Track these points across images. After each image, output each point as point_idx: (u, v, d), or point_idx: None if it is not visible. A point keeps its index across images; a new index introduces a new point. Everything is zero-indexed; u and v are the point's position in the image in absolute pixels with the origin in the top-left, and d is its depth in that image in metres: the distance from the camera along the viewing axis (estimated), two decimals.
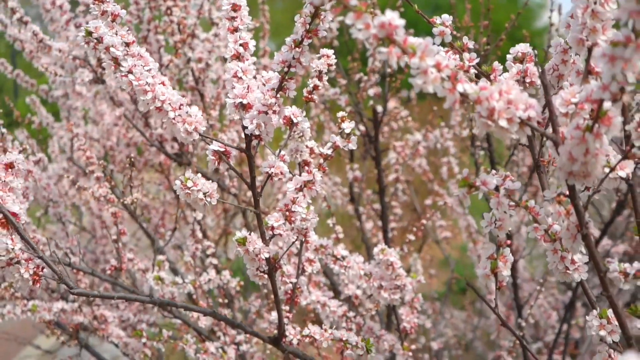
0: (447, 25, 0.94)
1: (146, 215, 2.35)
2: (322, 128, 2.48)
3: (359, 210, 2.20)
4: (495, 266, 0.88)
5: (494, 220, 0.85)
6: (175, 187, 1.05)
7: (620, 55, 0.61)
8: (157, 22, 1.90)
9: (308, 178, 1.15)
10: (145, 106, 1.02)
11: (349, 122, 1.21)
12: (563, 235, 0.80)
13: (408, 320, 1.55)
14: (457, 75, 0.70)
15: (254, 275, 1.17)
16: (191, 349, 1.57)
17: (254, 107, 1.05)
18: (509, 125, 0.71)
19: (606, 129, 0.67)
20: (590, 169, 0.70)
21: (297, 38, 1.01)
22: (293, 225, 1.14)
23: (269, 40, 2.50)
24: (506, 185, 0.83)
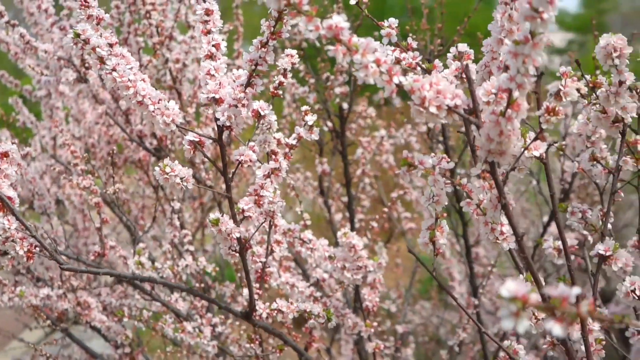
0: (393, 28, 1.08)
1: (126, 208, 2.47)
2: (294, 125, 2.60)
3: (328, 203, 2.34)
4: (433, 235, 1.01)
5: (432, 196, 0.99)
6: (155, 174, 1.18)
7: (521, 52, 0.75)
8: (136, 25, 2.02)
9: (275, 166, 1.28)
10: (128, 101, 1.14)
11: (311, 115, 1.34)
12: (486, 206, 0.94)
13: (370, 300, 1.69)
14: (394, 69, 0.83)
15: (226, 254, 1.30)
16: (170, 328, 1.69)
17: (225, 101, 1.17)
18: (438, 111, 0.84)
19: (516, 113, 0.81)
20: (504, 147, 0.84)
21: (263, 39, 1.14)
22: (262, 209, 1.27)
23: (244, 42, 2.62)
24: (441, 165, 0.96)
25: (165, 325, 1.70)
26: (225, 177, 1.25)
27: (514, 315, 0.58)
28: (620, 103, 0.98)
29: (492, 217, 0.94)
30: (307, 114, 1.35)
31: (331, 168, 2.31)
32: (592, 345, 1.00)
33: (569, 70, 0.94)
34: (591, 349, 0.99)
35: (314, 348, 1.74)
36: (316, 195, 2.56)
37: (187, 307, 1.88)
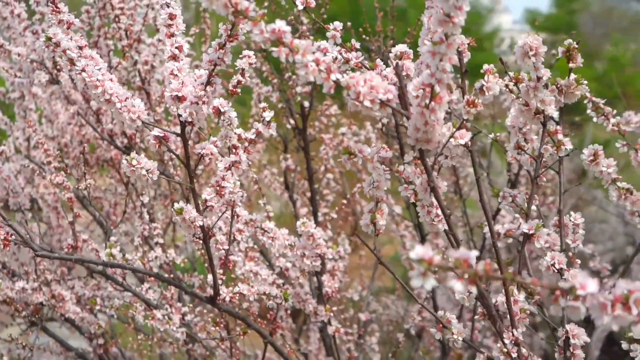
0: (337, 30, 1.19)
1: (99, 205, 2.55)
2: None
3: (293, 197, 2.44)
4: (374, 218, 1.12)
5: (373, 182, 1.10)
6: (122, 167, 1.28)
7: (438, 51, 0.86)
8: (106, 29, 2.12)
9: (235, 159, 1.38)
10: (97, 99, 1.24)
11: (269, 111, 1.44)
12: (418, 189, 1.05)
13: (329, 286, 1.79)
14: (331, 67, 0.94)
15: (190, 241, 1.40)
16: (140, 315, 1.79)
17: (188, 99, 1.27)
18: (371, 105, 0.95)
19: (438, 105, 0.92)
20: (430, 136, 0.95)
21: (221, 42, 1.24)
22: (223, 199, 1.38)
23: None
24: (379, 154, 1.07)
25: (135, 313, 1.79)
26: (188, 169, 1.35)
27: (422, 275, 0.69)
28: (539, 97, 1.10)
29: (423, 199, 1.05)
30: (264, 110, 1.45)
31: (296, 164, 2.42)
32: (516, 314, 1.12)
33: (492, 67, 1.05)
34: (516, 317, 1.11)
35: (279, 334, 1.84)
36: (284, 191, 2.66)
37: (158, 297, 1.97)
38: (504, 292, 1.08)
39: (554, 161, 1.22)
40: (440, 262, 0.68)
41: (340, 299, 2.45)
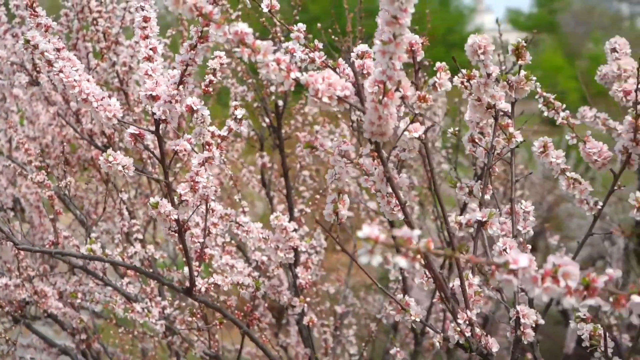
0: (301, 32, 1.26)
1: (80, 204, 2.61)
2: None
3: (270, 194, 2.51)
4: (336, 207, 1.20)
5: (334, 174, 1.17)
6: (100, 163, 1.34)
7: (387, 50, 0.93)
8: (85, 32, 2.18)
9: (208, 155, 1.45)
10: (74, 98, 1.31)
11: (240, 109, 1.51)
12: (375, 180, 1.12)
13: (303, 277, 1.86)
14: (291, 66, 1.01)
15: (166, 234, 1.46)
16: (120, 308, 1.85)
17: (161, 98, 1.33)
18: (329, 101, 1.02)
19: (391, 101, 0.99)
20: (384, 129, 1.02)
21: (192, 43, 1.31)
22: (197, 194, 1.44)
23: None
24: (340, 147, 1.14)
25: (115, 306, 1.85)
26: (162, 164, 1.41)
27: (369, 252, 0.76)
28: (489, 92, 1.17)
29: (381, 189, 1.12)
30: (236, 108, 1.52)
31: (273, 162, 2.49)
32: (471, 296, 1.19)
33: (443, 65, 1.13)
34: (470, 299, 1.18)
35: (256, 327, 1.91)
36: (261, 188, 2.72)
37: (137, 291, 2.03)
38: (459, 276, 1.15)
39: (506, 152, 1.29)
40: (385, 240, 0.76)
41: (316, 292, 2.52)
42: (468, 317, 1.14)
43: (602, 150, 1.29)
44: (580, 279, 0.79)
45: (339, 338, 2.54)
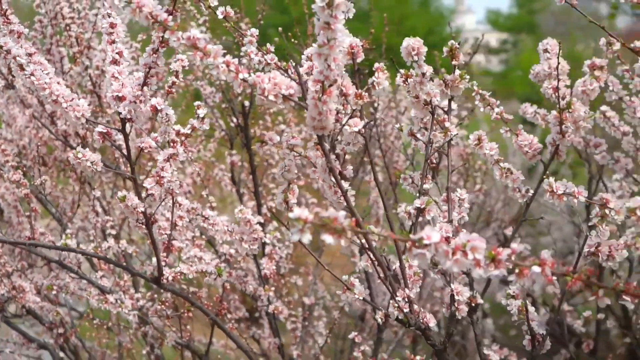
0: (254, 36, 1.36)
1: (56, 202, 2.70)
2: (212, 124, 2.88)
3: (240, 191, 2.62)
4: (286, 197, 1.30)
5: (284, 166, 1.28)
6: (70, 159, 1.44)
7: (322, 52, 1.04)
8: (58, 37, 2.27)
9: (173, 152, 1.55)
10: (46, 100, 1.41)
11: (203, 108, 1.61)
12: (319, 170, 1.23)
13: (268, 268, 1.97)
14: (239, 68, 1.12)
15: (134, 226, 1.56)
16: (94, 299, 1.95)
17: (127, 99, 1.43)
18: (275, 99, 1.13)
19: (329, 98, 1.10)
20: (324, 124, 1.13)
21: (154, 47, 1.41)
22: (162, 188, 1.54)
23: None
24: (289, 141, 1.25)
25: (90, 297, 1.95)
26: (129, 160, 1.51)
27: (300, 231, 0.87)
28: (425, 90, 1.29)
29: (325, 179, 1.23)
30: (199, 107, 1.62)
31: (242, 160, 2.59)
32: (410, 276, 1.30)
33: (381, 65, 1.24)
34: (410, 279, 1.30)
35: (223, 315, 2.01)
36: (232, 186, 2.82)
37: (110, 283, 2.13)
38: (397, 257, 1.27)
39: (444, 144, 1.41)
40: (314, 220, 0.87)
41: (285, 284, 2.63)
42: (406, 294, 1.24)
43: (532, 142, 1.41)
44: (486, 252, 0.90)
45: (307, 329, 2.65)
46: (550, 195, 1.17)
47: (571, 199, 1.16)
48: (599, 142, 1.63)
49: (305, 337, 2.61)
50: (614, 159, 1.67)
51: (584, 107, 1.35)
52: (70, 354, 2.52)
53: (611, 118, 1.61)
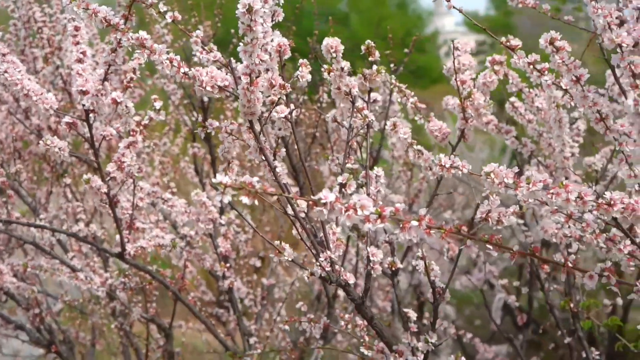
0: (199, 37, 1.57)
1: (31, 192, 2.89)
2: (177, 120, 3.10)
3: (203, 180, 2.83)
4: (226, 173, 1.52)
5: (224, 148, 1.49)
6: (40, 147, 1.65)
7: (247, 50, 1.26)
8: (31, 39, 2.48)
9: (132, 139, 1.76)
10: (18, 94, 1.61)
11: (159, 102, 1.82)
12: (252, 150, 1.44)
13: (223, 246, 2.18)
14: (180, 64, 1.33)
15: (98, 206, 1.77)
16: (65, 276, 2.15)
17: (90, 92, 1.64)
18: (212, 89, 1.34)
19: (255, 88, 1.31)
20: (252, 110, 1.35)
21: (113, 47, 1.62)
22: (123, 172, 1.75)
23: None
24: (228, 127, 1.47)
25: (62, 274, 2.15)
26: (92, 147, 1.72)
27: (221, 193, 1.08)
28: (344, 82, 1.50)
29: (254, 157, 1.45)
30: (156, 100, 1.83)
31: (205, 152, 2.81)
32: (334, 242, 1.52)
33: (305, 61, 1.46)
34: (333, 243, 1.51)
35: (184, 290, 2.22)
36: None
37: (81, 264, 2.33)
38: (321, 224, 1.48)
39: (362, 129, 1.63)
40: (232, 184, 1.08)
41: (244, 265, 2.84)
42: (328, 255, 1.46)
43: (441, 128, 1.63)
44: (374, 210, 1.12)
45: (266, 307, 2.86)
46: (440, 169, 1.39)
47: (457, 171, 1.38)
48: (509, 129, 1.86)
49: (262, 312, 2.81)
50: (522, 144, 1.90)
51: (483, 97, 1.58)
52: (46, 333, 2.71)
53: (519, 108, 1.84)
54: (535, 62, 1.38)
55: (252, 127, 1.40)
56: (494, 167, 1.15)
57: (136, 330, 2.90)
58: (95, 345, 2.94)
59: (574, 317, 1.91)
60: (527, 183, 1.13)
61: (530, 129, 1.83)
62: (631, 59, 1.24)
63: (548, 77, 1.37)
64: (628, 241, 1.27)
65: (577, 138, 1.87)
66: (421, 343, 1.49)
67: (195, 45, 1.57)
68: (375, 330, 1.51)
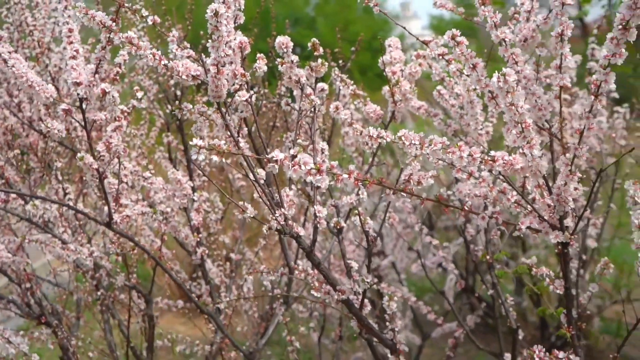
0: (175, 37, 1.91)
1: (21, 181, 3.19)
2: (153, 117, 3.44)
3: (176, 168, 3.16)
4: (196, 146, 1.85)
5: (197, 127, 1.83)
6: (42, 128, 1.96)
7: (214, 45, 1.60)
8: (23, 41, 2.80)
9: (118, 124, 2.09)
10: (23, 85, 1.93)
11: (140, 92, 2.15)
12: (219, 127, 1.78)
13: (196, 219, 2.51)
14: (162, 57, 1.66)
15: (90, 180, 2.10)
16: (57, 247, 2.46)
17: (83, 83, 1.96)
18: (187, 78, 1.68)
19: (221, 76, 1.65)
20: (219, 94, 1.68)
21: (103, 45, 1.94)
22: (111, 151, 2.08)
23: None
24: (200, 109, 1.80)
25: (55, 245, 2.46)
26: (85, 129, 2.04)
27: (196, 152, 1.42)
28: (294, 72, 1.85)
29: (222, 134, 1.79)
30: (137, 91, 2.16)
31: (177, 142, 3.14)
32: (287, 202, 1.86)
33: (262, 55, 1.80)
34: (287, 203, 1.85)
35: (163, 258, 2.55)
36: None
37: (72, 239, 2.64)
38: (276, 187, 1.83)
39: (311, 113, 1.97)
40: (204, 145, 1.42)
41: (214, 241, 3.18)
42: (282, 212, 1.80)
43: (376, 110, 1.99)
44: (313, 165, 1.47)
45: (234, 279, 3.19)
46: (369, 139, 1.74)
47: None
48: (436, 112, 2.22)
49: (230, 285, 3.14)
50: (446, 124, 2.26)
51: (409, 84, 1.94)
52: (36, 306, 3.01)
53: (444, 94, 2.20)
54: (444, 54, 1.73)
55: (219, 108, 1.74)
56: (405, 132, 1.50)
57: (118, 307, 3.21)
58: (80, 318, 3.23)
59: (490, 267, 2.27)
60: (429, 144, 1.48)
61: (453, 112, 2.19)
62: (512, 50, 1.60)
63: (454, 66, 1.72)
64: (514, 192, 1.63)
65: (492, 119, 2.23)
66: (359, 283, 1.83)
67: (172, 43, 1.91)
68: (322, 274, 1.85)
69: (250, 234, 5.09)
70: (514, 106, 1.42)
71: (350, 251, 3.74)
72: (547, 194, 1.61)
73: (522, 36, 1.74)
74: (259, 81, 2.90)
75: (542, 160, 1.47)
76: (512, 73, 1.40)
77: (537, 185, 1.61)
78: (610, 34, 1.35)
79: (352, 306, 1.84)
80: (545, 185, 1.60)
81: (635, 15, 1.29)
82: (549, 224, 1.60)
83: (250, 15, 3.27)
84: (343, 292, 1.84)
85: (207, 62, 1.70)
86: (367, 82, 4.46)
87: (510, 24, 1.82)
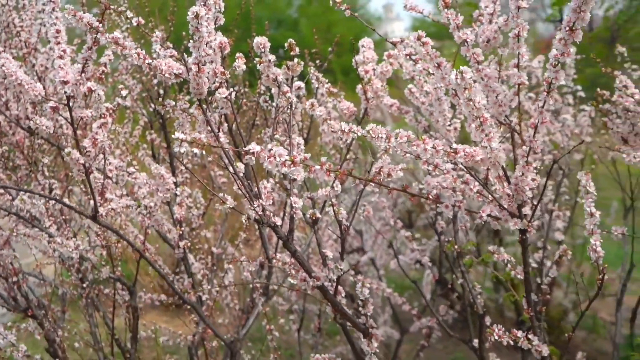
0: (158, 37, 2.01)
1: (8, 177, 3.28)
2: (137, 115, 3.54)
3: (160, 164, 3.26)
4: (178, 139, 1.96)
5: (180, 123, 1.93)
6: (30, 124, 2.06)
7: (196, 45, 1.70)
8: (10, 41, 2.89)
9: (104, 121, 2.18)
10: (12, 84, 2.02)
11: (125, 90, 2.25)
12: (200, 122, 1.88)
13: (179, 213, 2.61)
14: (146, 57, 1.77)
15: (76, 175, 2.19)
16: (44, 240, 2.55)
17: (70, 82, 2.06)
18: (169, 76, 1.78)
19: (202, 75, 1.76)
20: (200, 91, 1.79)
21: (89, 45, 2.04)
22: (96, 147, 2.17)
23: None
24: (181, 106, 1.91)
25: (42, 239, 2.55)
26: (72, 126, 2.13)
27: (178, 145, 1.53)
28: (272, 71, 1.95)
29: (202, 129, 1.89)
30: (122, 89, 2.26)
31: (160, 140, 3.23)
32: (265, 194, 1.96)
33: (241, 55, 1.91)
34: (264, 195, 1.96)
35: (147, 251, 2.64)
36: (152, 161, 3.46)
37: (58, 233, 2.73)
38: (255, 180, 1.93)
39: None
40: (185, 139, 1.53)
41: (197, 236, 3.28)
42: (260, 203, 1.91)
43: (349, 107, 2.10)
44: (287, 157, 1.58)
45: (216, 272, 3.29)
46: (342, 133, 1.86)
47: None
48: (407, 109, 2.33)
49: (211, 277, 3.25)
50: (417, 121, 2.38)
51: (380, 82, 2.06)
52: (23, 299, 3.09)
53: (415, 93, 2.32)
54: (410, 54, 1.84)
55: (200, 105, 1.84)
56: (373, 126, 1.61)
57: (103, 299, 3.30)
58: (65, 312, 3.32)
59: (458, 256, 2.39)
60: (395, 137, 1.59)
61: (423, 109, 2.31)
62: (474, 50, 1.72)
63: (420, 65, 1.83)
64: (476, 182, 1.75)
65: (460, 115, 2.35)
66: (333, 271, 1.94)
67: (156, 43, 2.02)
68: (298, 261, 1.96)
69: (232, 233, 5.20)
70: (471, 101, 1.53)
71: (329, 245, 3.86)
72: (507, 184, 1.73)
73: (485, 37, 1.86)
74: (240, 81, 3.00)
75: (500, 152, 1.59)
76: (468, 71, 1.51)
77: (498, 176, 1.73)
78: (558, 35, 1.47)
79: (327, 292, 1.95)
80: (504, 176, 1.72)
81: (579, 18, 1.42)
82: (509, 212, 1.72)
83: (231, 16, 3.38)
84: (318, 278, 1.94)
85: (189, 61, 1.80)
86: (349, 83, 4.58)
87: (474, 26, 1.93)
